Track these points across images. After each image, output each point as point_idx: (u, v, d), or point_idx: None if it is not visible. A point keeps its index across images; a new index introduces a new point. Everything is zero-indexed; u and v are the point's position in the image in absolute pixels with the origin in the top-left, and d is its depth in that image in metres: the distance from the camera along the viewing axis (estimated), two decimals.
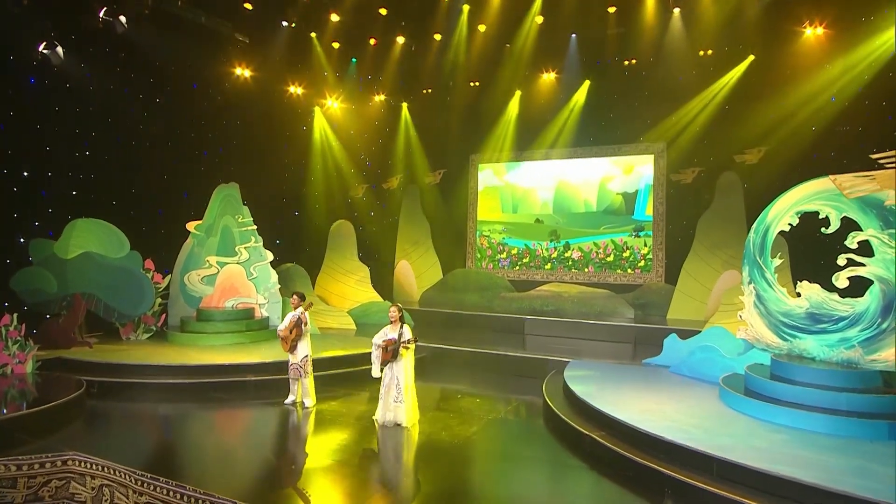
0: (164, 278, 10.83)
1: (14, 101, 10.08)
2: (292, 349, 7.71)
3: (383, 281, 16.06)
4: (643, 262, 13.69)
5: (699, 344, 8.20)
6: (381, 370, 6.93)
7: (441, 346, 10.95)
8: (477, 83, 15.86)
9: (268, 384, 8.45)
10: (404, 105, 16.90)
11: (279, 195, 14.99)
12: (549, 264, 14.70)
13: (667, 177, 13.40)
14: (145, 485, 5.29)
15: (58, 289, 9.31)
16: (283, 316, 11.56)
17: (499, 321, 12.70)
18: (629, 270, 13.84)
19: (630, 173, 13.93)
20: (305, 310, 7.75)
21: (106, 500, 5.55)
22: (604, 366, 9.10)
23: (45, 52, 9.73)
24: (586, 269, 14.28)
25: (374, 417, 6.96)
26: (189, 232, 11.45)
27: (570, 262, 14.45)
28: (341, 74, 16.01)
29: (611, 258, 14.02)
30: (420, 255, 15.83)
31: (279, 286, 11.64)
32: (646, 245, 13.66)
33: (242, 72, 14.01)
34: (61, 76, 10.67)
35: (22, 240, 9.54)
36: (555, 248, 14.65)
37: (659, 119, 13.44)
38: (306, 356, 7.70)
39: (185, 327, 10.60)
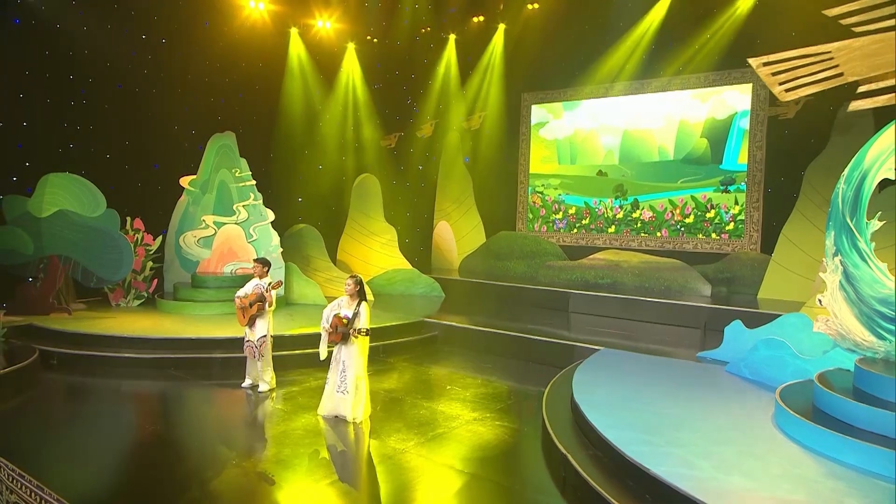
0: (154, 240, 10.77)
1: None
2: (250, 324, 7.21)
3: (420, 245, 15.32)
4: (732, 224, 11.71)
5: (765, 337, 6.61)
6: (326, 352, 6.25)
7: (457, 323, 10.07)
8: (536, 5, 14.33)
9: (236, 362, 8.04)
10: (451, 37, 15.71)
11: (300, 147, 14.56)
12: (613, 227, 13.10)
13: (769, 113, 11.21)
14: (15, 481, 5.00)
15: (34, 250, 9.47)
16: (286, 284, 11.35)
17: (540, 295, 11.53)
18: (714, 235, 11.92)
19: (719, 110, 11.85)
20: (273, 289, 7.19)
21: None
22: (642, 358, 7.77)
23: None
24: (659, 234, 12.53)
25: (317, 412, 6.29)
26: (184, 188, 11.28)
27: (639, 225, 12.76)
28: (382, 3, 15.02)
29: (690, 219, 12.16)
30: (461, 216, 14.84)
31: (281, 249, 11.26)
32: (737, 203, 11.65)
33: (256, 4, 13.50)
34: (51, 16, 10.66)
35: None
36: (620, 207, 12.99)
37: (770, 36, 11.11)
38: (264, 336, 7.19)
39: (177, 294, 10.53)
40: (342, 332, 6.11)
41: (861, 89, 4.77)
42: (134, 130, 11.75)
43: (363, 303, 6.17)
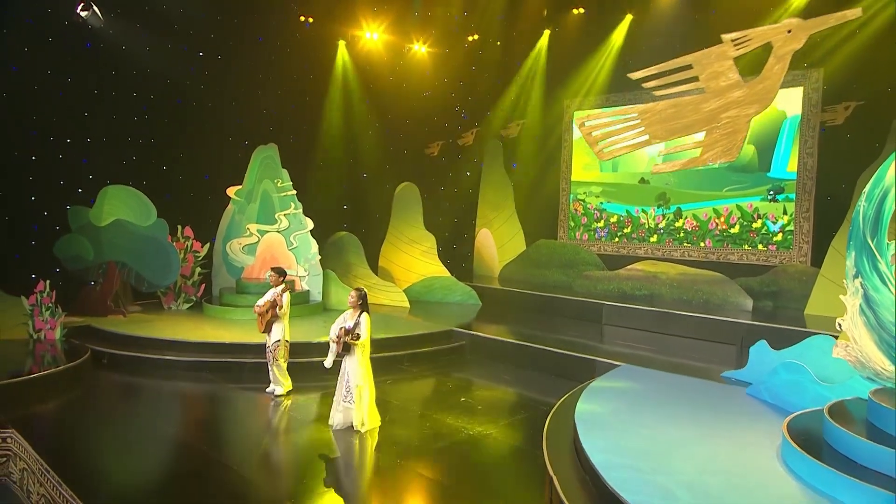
0: (203, 247, 11.39)
1: (71, 67, 11.07)
2: (267, 329, 7.53)
3: (468, 251, 15.40)
4: (780, 235, 11.09)
5: (787, 360, 6.27)
6: (332, 362, 6.44)
7: (484, 334, 10.08)
8: (581, 10, 14.15)
9: (265, 367, 8.33)
10: (498, 44, 15.71)
11: (346, 155, 14.96)
12: (655, 236, 12.69)
13: (821, 118, 10.55)
14: (44, 476, 5.48)
15: (94, 256, 10.25)
16: (324, 291, 11.73)
17: (574, 306, 11.33)
18: (760, 246, 11.33)
19: (768, 115, 11.24)
20: (284, 291, 7.49)
21: (25, 486, 5.89)
22: (662, 375, 7.53)
23: (82, 14, 10.48)
24: (702, 244, 12.04)
25: (328, 422, 6.49)
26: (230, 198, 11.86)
27: (682, 234, 12.30)
28: (431, 13, 15.20)
29: (735, 229, 11.61)
30: (502, 223, 14.79)
31: (320, 257, 11.63)
32: (786, 213, 11.02)
33: (307, 19, 13.98)
34: (117, 39, 11.48)
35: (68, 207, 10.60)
36: (663, 216, 12.57)
37: (821, 35, 10.48)
38: (278, 341, 7.49)
39: (222, 299, 11.09)
40: (343, 341, 6.32)
41: (661, 152, 4.53)
42: (190, 143, 12.43)
43: (364, 314, 6.37)
